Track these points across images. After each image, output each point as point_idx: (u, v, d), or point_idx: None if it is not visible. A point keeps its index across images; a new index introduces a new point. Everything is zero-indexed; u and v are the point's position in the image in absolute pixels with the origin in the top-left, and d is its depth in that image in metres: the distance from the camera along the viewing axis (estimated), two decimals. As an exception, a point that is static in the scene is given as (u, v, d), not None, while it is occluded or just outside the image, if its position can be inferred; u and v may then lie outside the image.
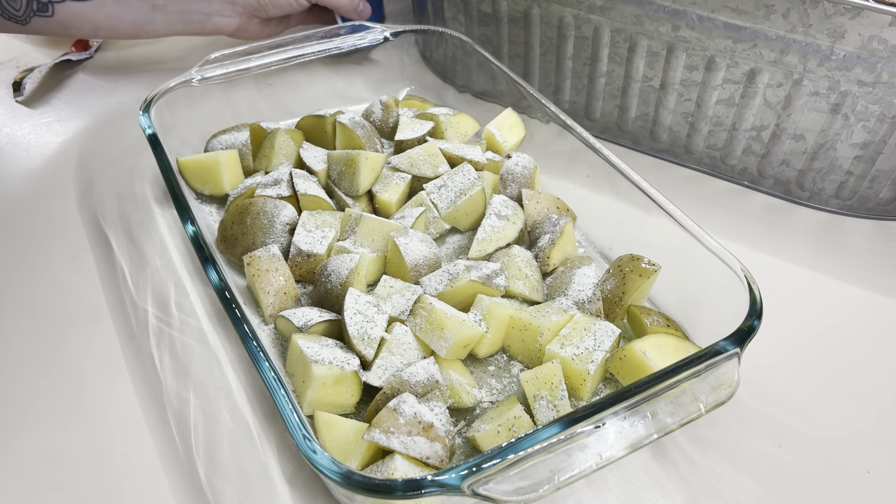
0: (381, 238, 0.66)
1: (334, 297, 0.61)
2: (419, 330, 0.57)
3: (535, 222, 0.69)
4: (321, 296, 0.62)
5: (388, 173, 0.73)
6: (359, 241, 0.65)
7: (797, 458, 0.55)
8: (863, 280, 0.69)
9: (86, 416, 0.57)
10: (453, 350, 0.56)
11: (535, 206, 0.69)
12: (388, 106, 0.82)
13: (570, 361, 0.55)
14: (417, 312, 0.57)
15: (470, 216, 0.70)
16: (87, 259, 0.71)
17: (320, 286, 0.62)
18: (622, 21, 0.77)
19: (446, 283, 0.61)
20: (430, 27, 0.88)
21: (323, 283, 0.62)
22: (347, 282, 0.60)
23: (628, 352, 0.55)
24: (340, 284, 0.60)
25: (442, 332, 0.55)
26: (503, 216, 0.68)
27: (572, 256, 0.66)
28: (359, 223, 0.65)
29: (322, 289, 0.62)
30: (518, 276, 0.63)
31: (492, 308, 0.59)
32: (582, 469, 0.44)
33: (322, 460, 0.42)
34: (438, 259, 0.65)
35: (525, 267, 0.64)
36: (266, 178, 0.71)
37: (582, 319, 0.58)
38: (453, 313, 0.57)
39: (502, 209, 0.68)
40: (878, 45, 0.64)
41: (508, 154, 0.74)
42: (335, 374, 0.53)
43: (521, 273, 0.63)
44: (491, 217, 0.67)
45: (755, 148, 0.77)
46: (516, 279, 0.63)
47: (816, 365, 0.62)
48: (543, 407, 0.53)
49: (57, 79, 1.00)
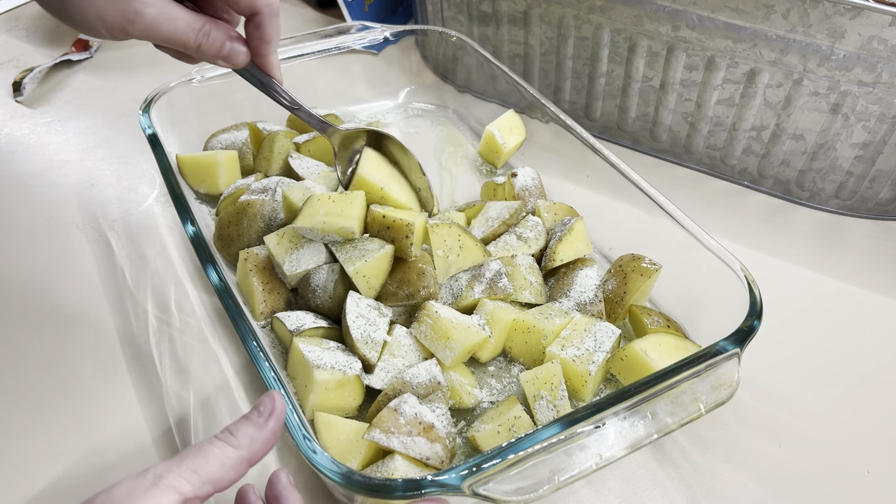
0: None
1: (326, 311, 0.60)
2: (424, 337, 0.56)
3: (549, 229, 0.68)
4: (312, 310, 0.61)
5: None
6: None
7: (797, 458, 0.55)
8: (863, 280, 0.69)
9: (86, 416, 0.57)
10: (458, 359, 0.56)
11: (552, 218, 0.69)
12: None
13: (571, 363, 0.55)
14: (423, 320, 0.57)
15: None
16: (88, 259, 0.71)
17: (308, 301, 0.61)
18: (622, 21, 0.77)
19: (451, 301, 0.61)
20: (430, 27, 0.88)
21: (311, 299, 0.60)
22: (336, 294, 0.60)
23: (629, 352, 0.55)
24: (330, 297, 0.60)
25: (447, 342, 0.55)
26: (523, 238, 0.67)
27: (584, 256, 0.65)
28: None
29: (311, 304, 0.61)
30: (524, 286, 0.62)
31: (495, 312, 0.59)
32: (582, 469, 0.44)
33: (322, 460, 0.42)
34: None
35: (529, 274, 0.63)
36: (255, 184, 0.69)
37: (582, 321, 0.58)
38: (458, 320, 0.57)
39: (525, 231, 0.67)
40: (878, 45, 0.64)
41: (514, 172, 0.72)
42: (337, 378, 0.53)
43: (527, 281, 0.62)
44: (511, 235, 0.67)
45: (755, 148, 0.77)
46: (522, 289, 0.62)
47: (816, 365, 0.62)
48: (543, 407, 0.53)
49: (57, 79, 1.00)
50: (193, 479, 0.38)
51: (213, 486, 0.39)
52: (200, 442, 0.40)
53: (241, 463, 0.40)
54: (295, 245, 0.61)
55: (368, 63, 0.98)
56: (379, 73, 0.96)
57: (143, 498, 0.36)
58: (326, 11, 1.16)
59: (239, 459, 0.40)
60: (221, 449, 0.40)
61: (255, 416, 0.42)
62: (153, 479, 0.37)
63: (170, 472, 0.38)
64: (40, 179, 0.82)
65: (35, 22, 1.13)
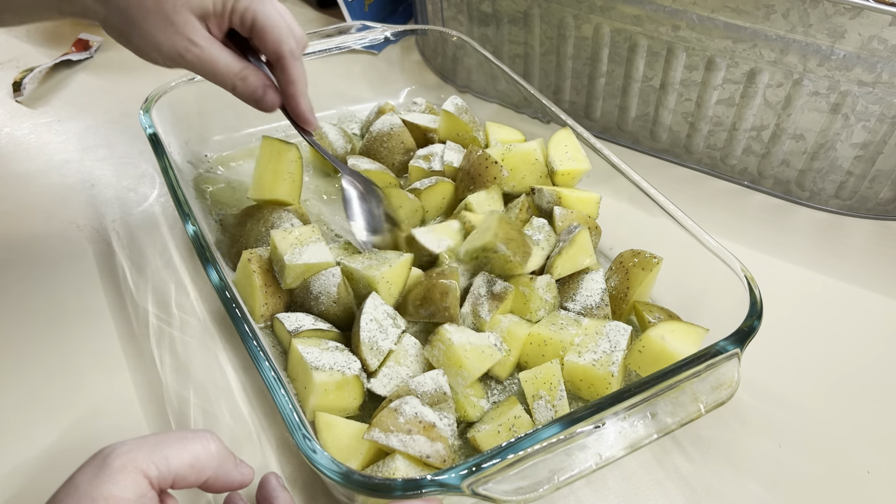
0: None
1: (332, 316, 0.60)
2: (437, 362, 0.55)
3: (558, 234, 0.66)
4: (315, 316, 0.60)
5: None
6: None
7: (797, 458, 0.55)
8: (863, 280, 0.69)
9: (85, 416, 0.57)
10: (470, 386, 0.55)
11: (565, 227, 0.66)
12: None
13: (591, 368, 0.54)
14: (436, 345, 0.55)
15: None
16: (88, 259, 0.71)
17: (310, 308, 0.60)
18: (622, 21, 0.77)
19: (472, 325, 0.59)
20: (430, 27, 0.88)
21: (314, 306, 0.60)
22: (341, 298, 0.59)
23: (646, 342, 0.55)
24: (334, 302, 0.59)
25: (459, 370, 0.54)
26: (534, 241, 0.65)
27: (586, 265, 0.63)
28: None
29: (314, 310, 0.60)
30: (540, 307, 0.61)
31: (511, 329, 0.58)
32: (582, 469, 0.44)
33: (322, 460, 0.42)
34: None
35: (546, 292, 0.61)
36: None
37: (592, 324, 0.58)
38: (472, 345, 0.55)
39: (535, 233, 0.65)
40: (878, 45, 0.64)
41: (532, 188, 0.70)
42: (336, 379, 0.53)
43: (542, 301, 0.61)
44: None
45: (755, 148, 0.77)
46: (538, 310, 0.60)
47: (816, 365, 0.62)
48: (542, 407, 0.53)
49: (57, 79, 0.99)
50: (162, 467, 0.38)
51: (176, 480, 0.39)
52: (183, 431, 0.40)
53: (206, 469, 0.40)
54: (300, 242, 0.61)
55: (369, 63, 0.98)
56: (379, 73, 0.96)
57: (111, 481, 0.36)
58: (326, 11, 1.16)
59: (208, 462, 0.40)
60: (202, 444, 0.40)
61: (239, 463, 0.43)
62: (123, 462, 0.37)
63: (140, 451, 0.38)
64: (40, 179, 0.82)
65: (35, 22, 1.13)
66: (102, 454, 0.38)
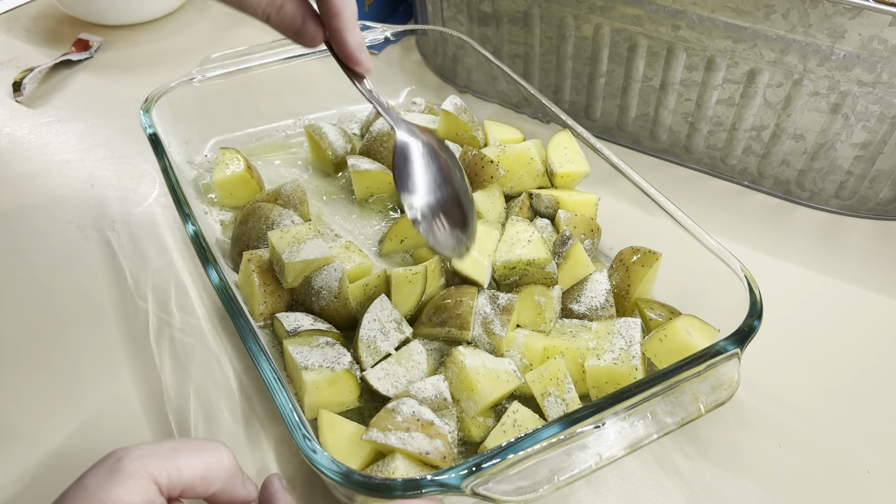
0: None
1: (333, 311, 0.60)
2: (451, 385, 0.54)
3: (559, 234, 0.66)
4: (315, 314, 0.60)
5: None
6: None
7: (797, 458, 0.55)
8: (863, 280, 0.69)
9: (86, 416, 0.57)
10: (481, 411, 0.53)
11: (572, 231, 0.66)
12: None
13: (614, 367, 0.54)
14: (449, 367, 0.54)
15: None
16: (88, 258, 0.71)
17: (312, 304, 0.60)
18: (622, 21, 0.77)
19: (489, 347, 0.58)
20: (430, 27, 0.88)
21: (315, 302, 0.60)
22: (342, 293, 0.59)
23: (670, 331, 0.54)
24: (335, 297, 0.59)
25: (471, 394, 0.53)
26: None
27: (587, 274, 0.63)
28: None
29: (315, 307, 0.60)
30: (552, 317, 0.60)
31: (528, 344, 0.57)
32: (582, 469, 0.44)
33: (322, 460, 0.42)
34: None
35: (558, 302, 0.61)
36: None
37: (601, 326, 0.58)
38: (487, 369, 0.54)
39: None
40: (878, 45, 0.64)
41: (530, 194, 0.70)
42: (326, 376, 0.53)
43: (555, 311, 0.61)
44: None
45: (755, 148, 0.77)
46: (551, 320, 0.60)
47: (816, 365, 0.62)
48: (553, 403, 0.53)
49: (57, 79, 1.00)
50: (174, 475, 0.37)
51: (185, 490, 0.38)
52: (198, 441, 0.40)
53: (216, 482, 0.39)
54: (297, 240, 0.61)
55: (368, 63, 0.98)
56: (379, 72, 0.96)
57: (121, 485, 0.35)
58: (326, 11, 1.16)
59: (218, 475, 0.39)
60: (215, 456, 0.39)
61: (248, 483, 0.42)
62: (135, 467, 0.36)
63: (153, 457, 0.37)
64: (40, 179, 0.82)
65: (35, 22, 1.14)
66: (115, 456, 0.37)
